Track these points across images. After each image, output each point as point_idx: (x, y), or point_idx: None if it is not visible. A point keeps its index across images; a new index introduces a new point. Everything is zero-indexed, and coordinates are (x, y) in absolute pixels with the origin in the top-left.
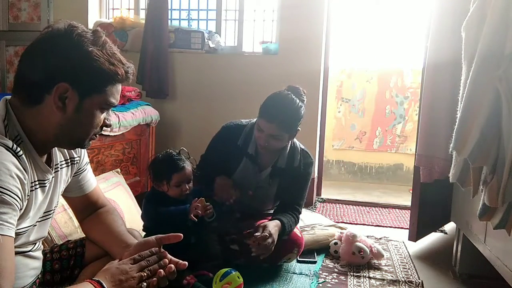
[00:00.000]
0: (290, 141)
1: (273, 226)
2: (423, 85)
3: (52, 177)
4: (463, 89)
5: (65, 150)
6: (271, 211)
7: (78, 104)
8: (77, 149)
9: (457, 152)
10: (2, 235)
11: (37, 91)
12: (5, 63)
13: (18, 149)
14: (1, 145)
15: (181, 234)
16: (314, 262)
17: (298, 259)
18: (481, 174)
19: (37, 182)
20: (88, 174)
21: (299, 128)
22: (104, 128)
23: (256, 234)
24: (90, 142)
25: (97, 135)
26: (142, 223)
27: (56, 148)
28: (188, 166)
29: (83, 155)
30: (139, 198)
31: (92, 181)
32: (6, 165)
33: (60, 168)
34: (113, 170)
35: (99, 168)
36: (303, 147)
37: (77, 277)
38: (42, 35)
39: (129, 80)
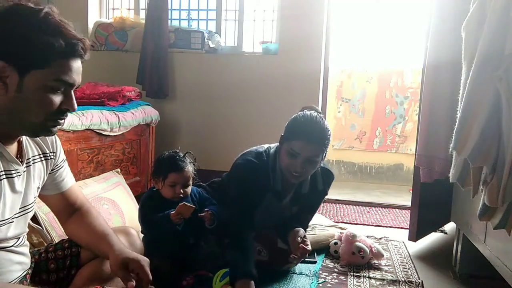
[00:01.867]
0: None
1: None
2: (423, 85)
3: (24, 171)
4: (463, 89)
5: (38, 144)
6: None
7: (19, 82)
8: (49, 144)
9: (457, 152)
10: None
11: None
12: None
13: None
14: None
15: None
16: (314, 262)
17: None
18: (481, 174)
19: (3, 172)
20: (65, 172)
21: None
22: (67, 113)
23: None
24: (55, 128)
25: (61, 120)
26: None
27: (27, 141)
28: (189, 170)
29: (58, 152)
30: (139, 198)
31: (69, 179)
32: None
33: (33, 163)
34: (113, 170)
35: (99, 168)
36: (322, 164)
37: (74, 277)
38: None
39: (82, 52)
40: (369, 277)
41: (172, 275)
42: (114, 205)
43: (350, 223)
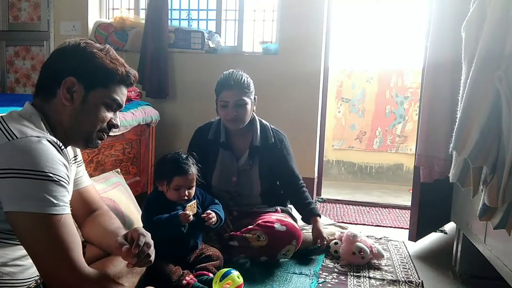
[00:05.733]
0: (253, 109)
1: (319, 230)
2: (423, 85)
3: None
4: (463, 89)
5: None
6: (264, 209)
7: (84, 96)
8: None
9: (457, 152)
10: (65, 214)
11: (50, 85)
12: (5, 63)
13: (60, 144)
14: (48, 141)
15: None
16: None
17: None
18: (481, 174)
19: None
20: (83, 170)
21: (256, 96)
22: (112, 129)
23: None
24: (99, 141)
25: (105, 135)
26: (142, 224)
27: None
28: (192, 172)
29: (79, 152)
30: (139, 198)
31: (86, 179)
32: (57, 156)
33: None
34: (113, 170)
35: (99, 168)
36: (273, 126)
37: None
38: (57, 47)
39: (132, 83)
40: (369, 277)
41: (172, 275)
42: (114, 205)
43: (350, 223)
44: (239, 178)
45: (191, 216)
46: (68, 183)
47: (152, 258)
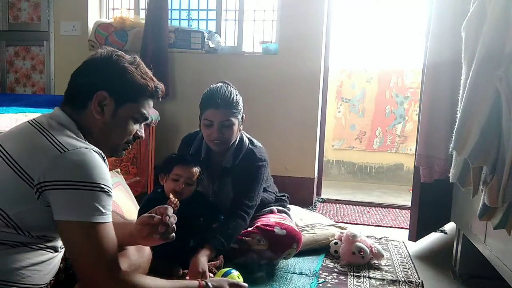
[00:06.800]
0: (239, 129)
1: (203, 262)
2: (423, 85)
3: None
4: (463, 89)
5: None
6: (258, 213)
7: (114, 110)
8: None
9: (457, 152)
10: (110, 222)
11: (82, 97)
12: (5, 63)
13: (102, 153)
14: (95, 152)
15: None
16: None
17: None
18: (481, 174)
19: None
20: None
21: (244, 115)
22: (136, 139)
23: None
24: (124, 152)
25: (130, 145)
26: None
27: None
28: (195, 169)
29: None
30: (139, 198)
31: None
32: (104, 167)
33: None
34: (113, 170)
35: None
36: (253, 146)
37: None
38: (88, 58)
39: (159, 97)
40: (369, 277)
41: (172, 275)
42: (114, 205)
43: (350, 223)
44: (215, 199)
45: (177, 202)
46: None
47: (174, 234)
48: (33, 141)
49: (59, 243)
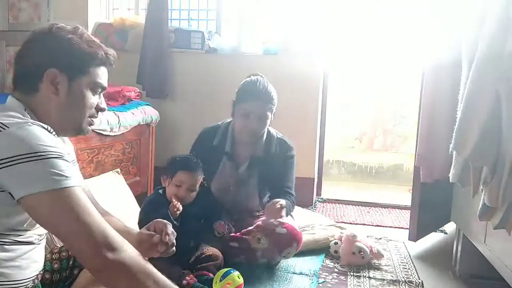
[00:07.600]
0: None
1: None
2: (423, 85)
3: None
4: (463, 89)
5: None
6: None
7: (68, 85)
8: (67, 143)
9: (457, 152)
10: (77, 186)
11: (32, 80)
12: (5, 63)
13: (50, 128)
14: (38, 126)
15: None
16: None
17: None
18: (481, 174)
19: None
20: (77, 170)
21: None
22: (99, 112)
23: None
24: (89, 127)
25: (94, 119)
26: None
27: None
28: (199, 174)
29: (72, 152)
30: (139, 198)
31: (81, 179)
32: (46, 134)
33: None
34: (113, 170)
35: (99, 168)
36: (281, 135)
37: (77, 277)
38: (28, 36)
39: (112, 63)
40: (369, 277)
41: (172, 275)
42: (114, 205)
43: (350, 223)
44: (237, 188)
45: (180, 206)
46: (68, 159)
47: (174, 249)
48: None
49: (34, 236)
